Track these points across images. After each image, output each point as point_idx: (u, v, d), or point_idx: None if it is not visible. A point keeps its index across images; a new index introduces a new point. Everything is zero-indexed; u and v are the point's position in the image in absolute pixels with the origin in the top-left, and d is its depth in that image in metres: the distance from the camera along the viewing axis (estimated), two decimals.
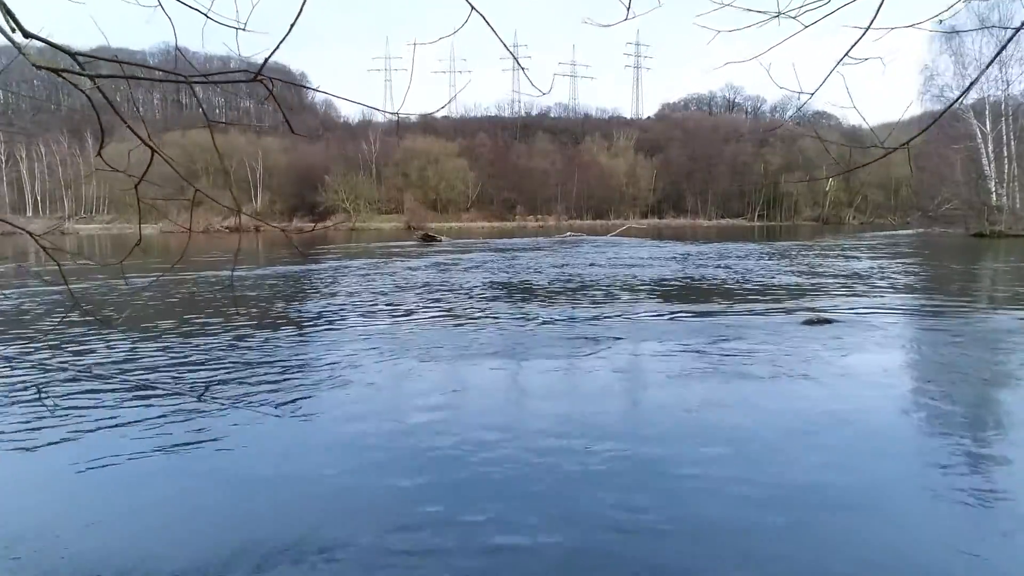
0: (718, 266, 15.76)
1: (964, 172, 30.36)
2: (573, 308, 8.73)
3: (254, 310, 8.77)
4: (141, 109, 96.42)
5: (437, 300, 9.75)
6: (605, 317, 7.96)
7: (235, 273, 14.49)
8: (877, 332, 6.84)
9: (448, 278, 13.03)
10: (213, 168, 75.75)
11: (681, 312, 8.36)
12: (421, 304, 9.33)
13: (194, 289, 11.18)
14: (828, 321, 7.39)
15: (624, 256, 19.83)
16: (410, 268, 15.76)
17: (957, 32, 30.18)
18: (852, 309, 8.32)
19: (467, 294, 10.42)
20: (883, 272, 13.98)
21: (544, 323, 7.53)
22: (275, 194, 73.39)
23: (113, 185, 66.82)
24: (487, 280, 12.54)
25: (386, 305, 9.18)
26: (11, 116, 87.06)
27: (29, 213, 68.24)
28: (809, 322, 7.32)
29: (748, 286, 11.40)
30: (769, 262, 17.09)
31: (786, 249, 23.33)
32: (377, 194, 73.87)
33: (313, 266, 16.55)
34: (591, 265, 16.26)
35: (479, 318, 7.95)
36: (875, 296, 9.94)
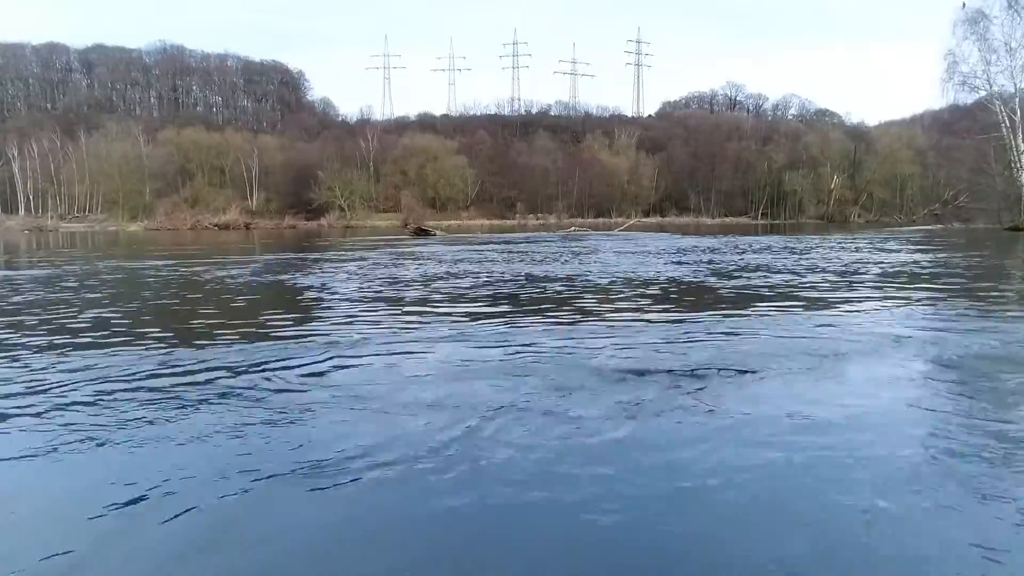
0: (779, 259, 13.59)
1: (997, 163, 28.89)
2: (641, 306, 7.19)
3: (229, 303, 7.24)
4: (137, 109, 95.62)
5: (435, 294, 8.23)
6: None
7: (225, 260, 13.06)
8: None
9: (442, 271, 11.52)
10: (208, 166, 74.65)
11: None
12: (417, 299, 7.82)
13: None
14: None
15: (671, 248, 18.08)
16: (402, 259, 14.22)
17: (984, 15, 28.80)
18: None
19: (464, 288, 8.90)
20: (981, 267, 11.85)
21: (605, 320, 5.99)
22: (271, 192, 72.24)
23: (104, 184, 65.66)
24: (487, 272, 11.03)
25: (377, 296, 7.67)
26: (6, 115, 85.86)
27: (21, 212, 66.90)
28: None
29: (852, 276, 9.63)
30: (832, 253, 15.16)
31: (836, 242, 21.43)
32: (374, 191, 72.37)
33: (294, 259, 15.03)
34: (654, 255, 14.66)
35: (487, 312, 6.43)
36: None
